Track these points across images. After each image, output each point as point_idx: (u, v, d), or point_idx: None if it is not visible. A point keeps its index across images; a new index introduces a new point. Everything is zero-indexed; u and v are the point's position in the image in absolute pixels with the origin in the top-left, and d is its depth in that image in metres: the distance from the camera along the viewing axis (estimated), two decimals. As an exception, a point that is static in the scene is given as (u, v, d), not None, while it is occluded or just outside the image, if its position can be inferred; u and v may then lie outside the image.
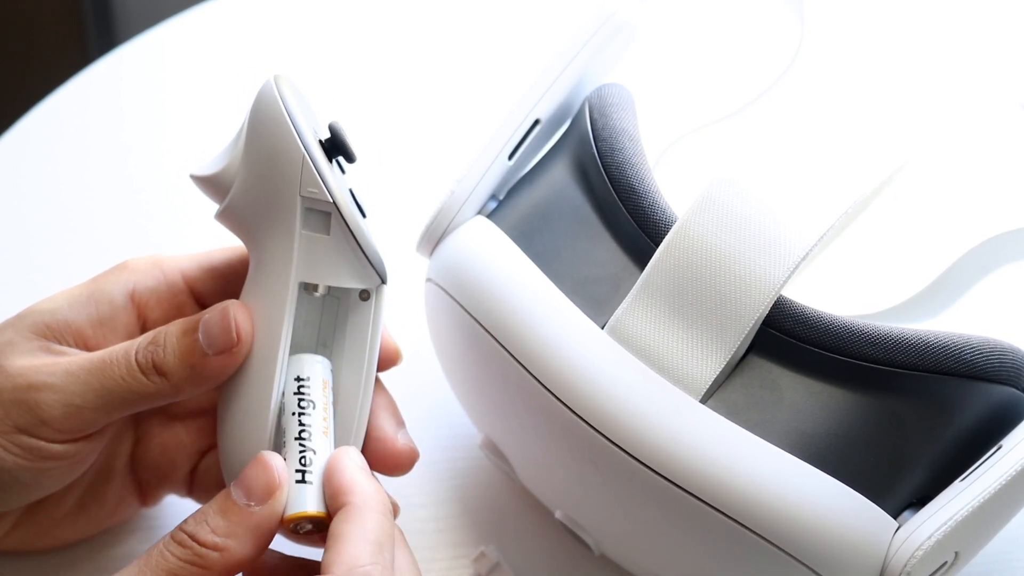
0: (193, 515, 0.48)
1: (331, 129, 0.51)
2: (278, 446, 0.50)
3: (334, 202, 0.50)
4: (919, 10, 0.66)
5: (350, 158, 0.51)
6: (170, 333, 0.50)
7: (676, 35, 0.64)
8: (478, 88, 0.76)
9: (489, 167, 0.55)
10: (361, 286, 0.51)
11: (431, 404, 0.62)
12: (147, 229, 0.72)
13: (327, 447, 0.50)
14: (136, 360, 0.50)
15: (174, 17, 0.81)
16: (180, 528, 0.48)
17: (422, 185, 0.68)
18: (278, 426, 0.51)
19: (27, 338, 0.51)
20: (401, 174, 0.73)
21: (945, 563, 0.49)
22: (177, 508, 0.60)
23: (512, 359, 0.51)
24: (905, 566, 0.47)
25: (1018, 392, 0.49)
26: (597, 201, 0.53)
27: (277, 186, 0.50)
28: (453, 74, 0.78)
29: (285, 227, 0.50)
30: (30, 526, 0.54)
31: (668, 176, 0.59)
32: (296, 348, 0.51)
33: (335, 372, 0.52)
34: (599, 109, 0.55)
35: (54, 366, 0.50)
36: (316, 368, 0.51)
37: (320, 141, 0.51)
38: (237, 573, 0.48)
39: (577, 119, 0.56)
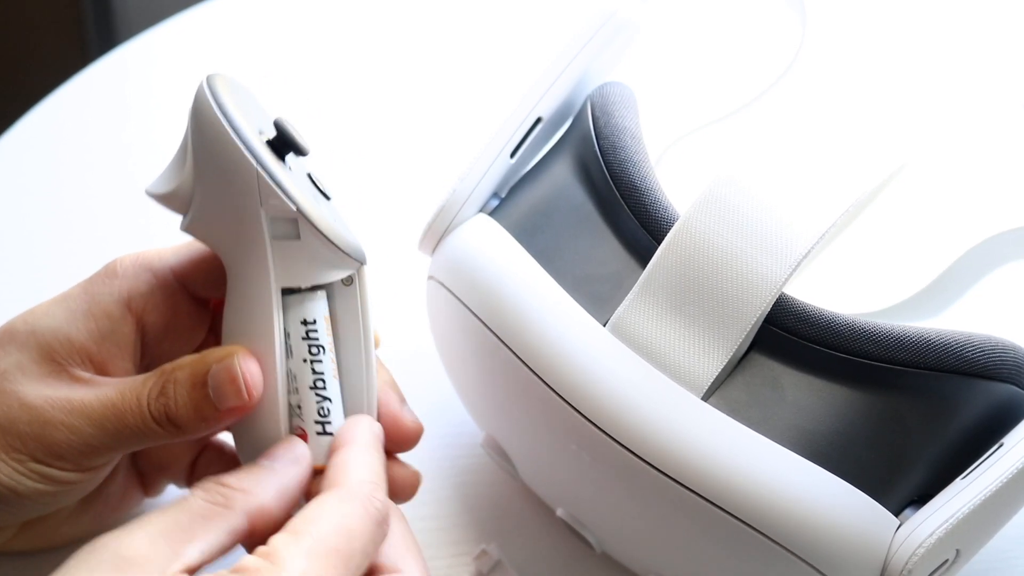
0: (217, 474, 0.48)
1: (277, 126, 0.49)
2: (290, 391, 0.50)
3: (298, 209, 0.48)
4: (920, 10, 0.66)
5: (300, 152, 0.50)
6: (179, 383, 0.50)
7: (678, 34, 0.65)
8: (480, 86, 0.77)
9: (491, 165, 0.55)
10: (342, 275, 0.51)
11: (433, 402, 0.62)
12: (147, 228, 0.71)
13: (338, 390, 0.51)
14: (150, 411, 0.50)
15: (174, 17, 0.81)
16: (206, 479, 0.48)
17: (424, 183, 0.68)
18: (287, 371, 0.51)
19: (37, 361, 0.51)
20: (403, 172, 0.73)
21: (946, 561, 0.49)
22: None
23: (514, 356, 0.51)
24: (907, 564, 0.47)
25: (1019, 390, 0.49)
26: (599, 199, 0.53)
27: (237, 202, 0.49)
28: (455, 73, 0.78)
29: (254, 238, 0.49)
30: (37, 527, 0.54)
31: (670, 174, 0.60)
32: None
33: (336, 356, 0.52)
34: (601, 107, 0.55)
35: (68, 404, 0.50)
36: (319, 307, 0.51)
37: (268, 141, 0.49)
38: (260, 524, 0.48)
39: (579, 117, 0.56)
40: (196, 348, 0.55)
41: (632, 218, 0.52)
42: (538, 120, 0.56)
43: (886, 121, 0.61)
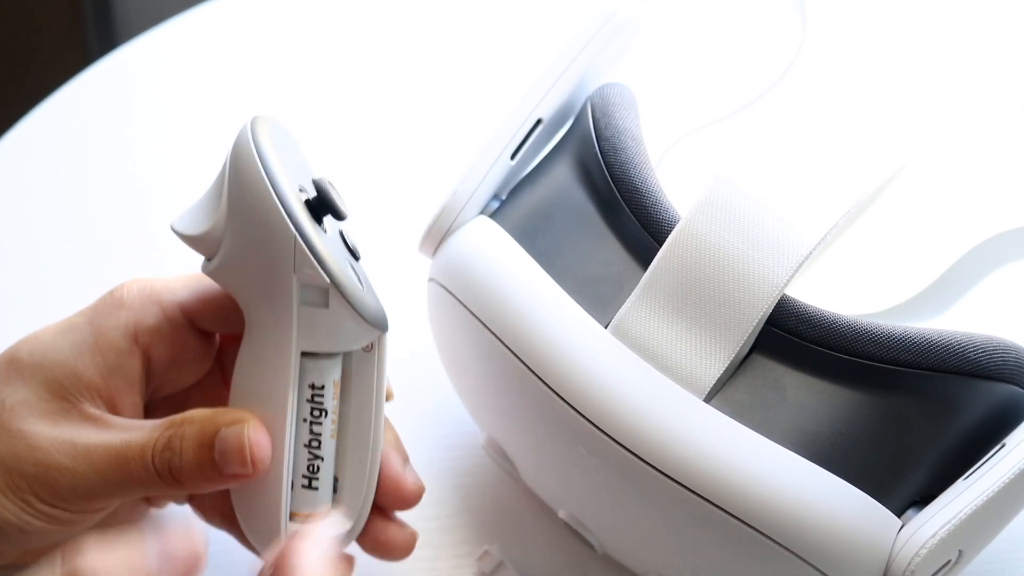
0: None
1: (317, 187, 0.48)
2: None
3: (332, 282, 0.48)
4: (920, 10, 0.66)
5: (339, 216, 0.49)
6: (186, 440, 0.50)
7: (678, 34, 0.64)
8: (480, 88, 0.76)
9: (491, 167, 0.55)
10: (362, 344, 0.51)
11: (434, 404, 0.62)
12: (149, 229, 0.72)
13: (332, 449, 0.51)
14: (154, 465, 0.49)
15: (174, 17, 0.81)
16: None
17: (424, 185, 0.68)
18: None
19: (44, 399, 0.50)
20: (403, 174, 0.73)
21: (949, 561, 0.49)
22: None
23: (515, 358, 0.51)
24: (909, 564, 0.47)
25: (1021, 390, 0.49)
26: (600, 200, 0.53)
27: (269, 262, 0.48)
28: (455, 74, 0.78)
29: (282, 300, 0.48)
30: (42, 548, 0.54)
31: (671, 176, 0.60)
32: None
33: (342, 417, 0.52)
34: (601, 108, 0.55)
35: (73, 449, 0.49)
36: (332, 372, 0.51)
37: (307, 201, 0.48)
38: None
39: (579, 119, 0.56)
40: (202, 380, 0.54)
41: (633, 219, 0.52)
42: (538, 121, 0.55)
43: (886, 121, 0.61)
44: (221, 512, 0.54)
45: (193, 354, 0.53)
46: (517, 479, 0.59)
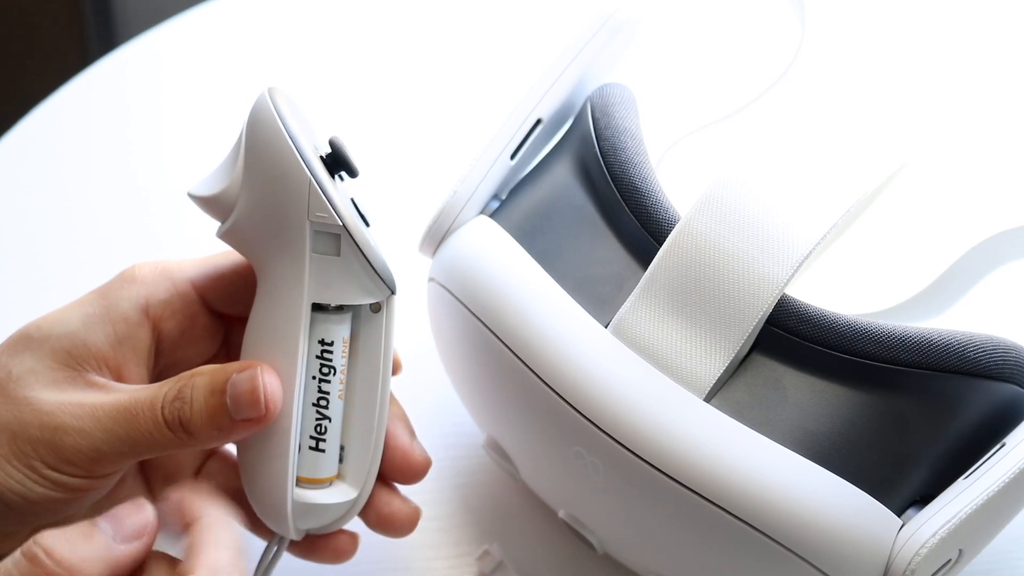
0: (53, 532, 0.46)
1: (332, 144, 0.50)
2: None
3: (344, 225, 0.49)
4: (920, 10, 0.66)
5: (353, 173, 0.51)
6: (197, 389, 0.50)
7: (677, 34, 0.64)
8: (480, 88, 0.77)
9: (491, 167, 0.55)
10: (372, 300, 0.51)
11: (434, 404, 0.62)
12: (150, 227, 0.72)
13: (340, 410, 0.52)
14: (163, 415, 0.50)
15: (174, 17, 0.81)
16: (35, 540, 0.46)
17: (424, 185, 0.68)
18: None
19: (50, 367, 0.51)
20: (403, 174, 0.73)
21: (949, 561, 0.49)
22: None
23: (515, 358, 0.51)
24: (909, 564, 0.47)
25: (1021, 390, 0.49)
26: (600, 200, 0.53)
27: (284, 210, 0.49)
28: (454, 74, 0.78)
29: (294, 250, 0.50)
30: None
31: (670, 175, 0.60)
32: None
33: (349, 383, 0.52)
34: (601, 108, 0.55)
35: (80, 409, 0.50)
36: (341, 329, 0.51)
37: (321, 157, 0.50)
38: None
39: (579, 119, 0.56)
40: (208, 360, 0.55)
41: (633, 219, 0.52)
42: (538, 121, 0.55)
43: (886, 121, 0.61)
44: (227, 493, 0.55)
45: (202, 331, 0.54)
46: (517, 479, 0.59)
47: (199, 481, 0.54)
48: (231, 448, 0.57)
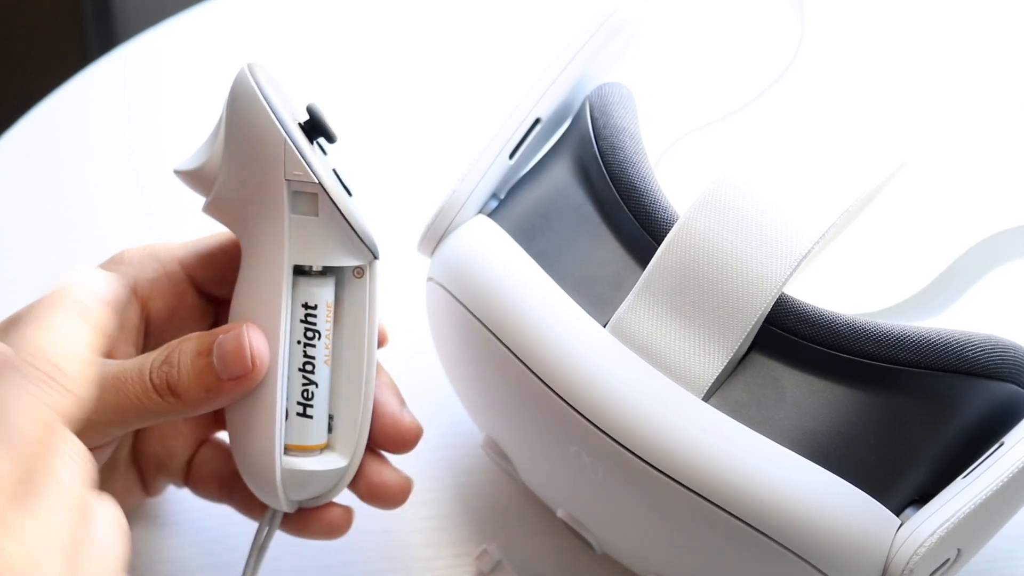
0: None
1: (309, 111, 0.51)
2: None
3: (319, 182, 0.50)
4: (919, 10, 0.66)
5: (330, 138, 0.51)
6: (184, 352, 0.50)
7: (677, 34, 0.65)
8: (479, 88, 0.77)
9: (490, 166, 0.55)
10: (354, 263, 0.52)
11: (432, 403, 0.62)
12: (150, 226, 0.72)
13: (327, 377, 0.52)
14: (151, 380, 0.50)
15: (174, 17, 0.81)
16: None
17: (423, 185, 0.68)
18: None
19: None
20: (402, 173, 0.73)
21: (947, 560, 0.49)
22: (178, 496, 0.60)
23: (514, 358, 0.51)
24: (908, 563, 0.47)
25: (1019, 389, 0.49)
26: (598, 200, 0.53)
27: (262, 172, 0.50)
28: (454, 74, 0.78)
29: (274, 212, 0.50)
30: None
31: (669, 175, 0.60)
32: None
33: (335, 351, 0.52)
34: (600, 108, 0.55)
35: None
36: (324, 293, 0.51)
37: (300, 124, 0.51)
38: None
39: (578, 118, 0.56)
40: None
41: (632, 219, 0.52)
42: (537, 121, 0.55)
43: (885, 121, 0.61)
44: (219, 479, 0.55)
45: (191, 312, 0.54)
46: (516, 478, 0.59)
47: None
48: (223, 436, 0.57)
